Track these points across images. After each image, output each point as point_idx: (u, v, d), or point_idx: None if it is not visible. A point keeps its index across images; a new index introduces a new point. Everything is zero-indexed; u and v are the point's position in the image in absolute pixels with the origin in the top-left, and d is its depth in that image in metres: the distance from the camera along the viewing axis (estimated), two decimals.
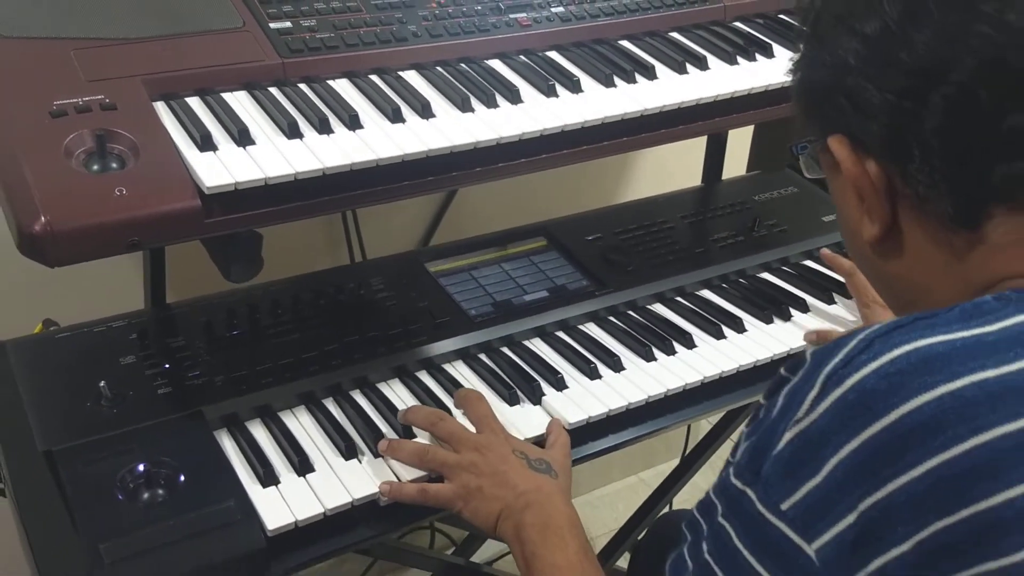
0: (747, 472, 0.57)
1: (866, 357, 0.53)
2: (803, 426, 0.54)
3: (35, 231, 0.76)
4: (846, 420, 0.52)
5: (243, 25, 1.00)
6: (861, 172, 0.63)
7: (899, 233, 0.65)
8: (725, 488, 0.59)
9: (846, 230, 0.71)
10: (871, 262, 0.69)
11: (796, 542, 0.53)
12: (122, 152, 0.84)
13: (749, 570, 0.55)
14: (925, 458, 0.50)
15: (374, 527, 0.91)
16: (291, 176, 0.86)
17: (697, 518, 0.62)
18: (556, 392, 1.06)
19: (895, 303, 0.72)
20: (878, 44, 0.60)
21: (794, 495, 0.53)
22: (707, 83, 1.12)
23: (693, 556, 0.61)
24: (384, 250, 1.49)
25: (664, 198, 1.46)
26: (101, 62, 0.91)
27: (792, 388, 0.56)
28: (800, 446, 0.54)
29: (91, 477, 0.88)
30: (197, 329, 1.08)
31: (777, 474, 0.55)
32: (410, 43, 1.06)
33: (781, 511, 0.54)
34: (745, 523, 0.56)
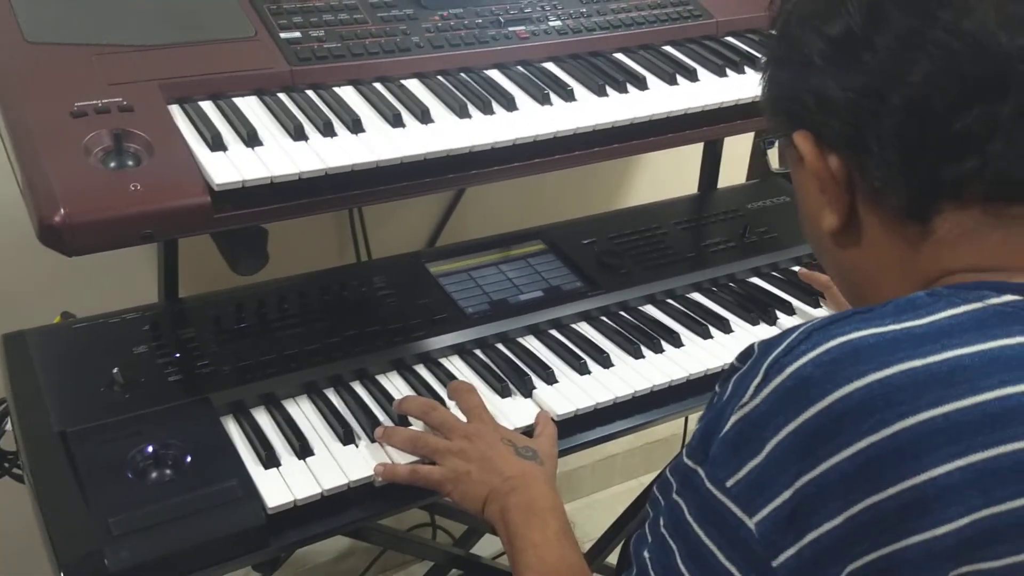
0: (698, 452, 0.61)
1: (804, 347, 0.58)
2: (747, 410, 0.59)
3: (55, 222, 0.82)
4: (785, 405, 0.57)
5: (255, 35, 1.06)
6: (823, 166, 0.67)
7: (857, 224, 0.69)
8: (679, 467, 0.63)
9: (806, 220, 0.74)
10: (829, 251, 0.73)
11: (739, 516, 0.57)
12: (138, 150, 0.90)
13: (697, 542, 0.60)
14: (856, 440, 0.54)
15: (369, 508, 0.96)
16: (295, 175, 0.92)
17: (657, 495, 0.67)
18: (546, 386, 1.11)
19: (849, 291, 0.76)
20: (841, 45, 0.64)
21: (738, 473, 0.58)
22: (696, 94, 1.17)
23: (652, 531, 0.65)
24: (390, 251, 1.55)
25: (659, 205, 1.51)
26: (120, 67, 0.97)
27: (739, 376, 0.61)
28: (743, 428, 0.58)
29: (103, 457, 0.94)
30: (207, 322, 1.13)
31: (723, 454, 0.59)
32: (413, 53, 1.12)
33: (726, 487, 0.58)
34: (695, 499, 0.61)
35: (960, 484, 0.53)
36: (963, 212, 0.64)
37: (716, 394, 0.64)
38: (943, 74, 0.61)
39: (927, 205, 0.65)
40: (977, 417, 0.54)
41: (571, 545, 0.87)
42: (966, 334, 0.57)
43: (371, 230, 1.57)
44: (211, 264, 1.24)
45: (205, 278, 1.28)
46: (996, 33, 0.60)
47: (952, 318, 0.58)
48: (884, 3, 0.63)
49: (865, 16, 0.64)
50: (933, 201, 0.64)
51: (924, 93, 0.61)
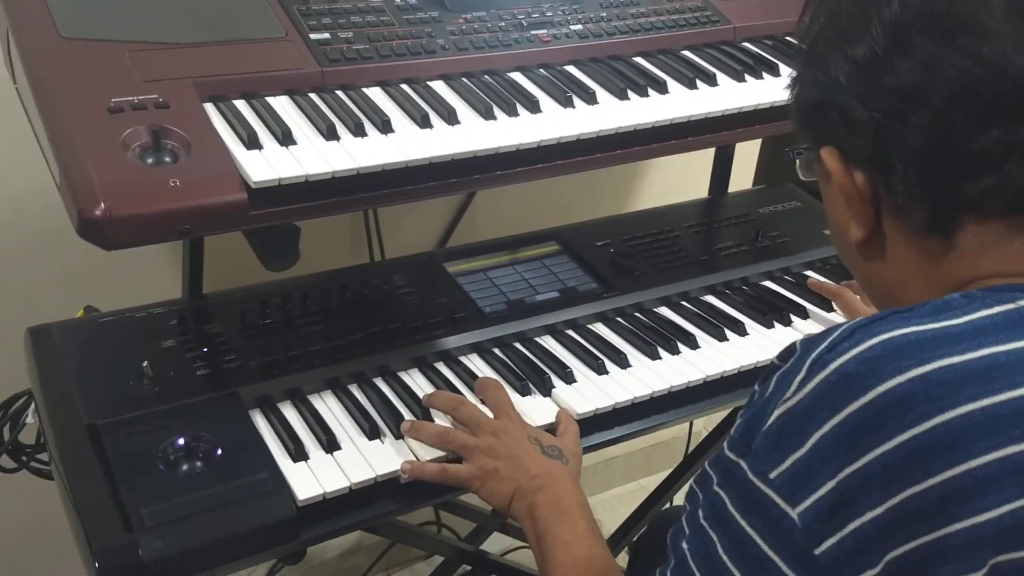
0: (740, 445, 0.63)
1: (848, 344, 0.60)
2: (790, 404, 0.61)
3: (95, 216, 0.83)
4: (829, 399, 0.59)
5: (286, 35, 1.08)
6: (849, 181, 0.70)
7: (882, 237, 0.71)
8: (720, 460, 0.65)
9: (835, 231, 0.77)
10: (856, 261, 0.76)
11: (781, 506, 0.59)
12: (174, 147, 0.92)
13: (739, 532, 0.61)
14: (898, 432, 0.56)
15: (395, 502, 0.98)
16: (329, 174, 0.93)
17: (695, 489, 0.69)
18: (565, 385, 1.12)
19: (875, 298, 0.79)
20: (866, 67, 0.67)
21: (781, 465, 0.60)
22: (716, 98, 1.19)
23: (691, 524, 0.67)
24: (403, 251, 1.56)
25: (671, 208, 1.53)
26: (155, 64, 0.98)
27: (782, 372, 0.63)
28: (787, 422, 0.60)
29: (134, 449, 0.95)
30: (232, 317, 1.15)
31: (767, 447, 0.61)
32: (438, 55, 1.13)
33: (769, 479, 0.60)
34: (737, 491, 0.63)
35: (998, 475, 0.56)
36: (984, 225, 0.67)
37: (757, 391, 0.66)
38: (963, 97, 0.64)
39: (949, 220, 0.67)
40: (1014, 411, 0.57)
41: (600, 542, 0.89)
42: (1001, 333, 0.60)
43: (384, 230, 1.59)
44: (233, 261, 1.26)
45: (227, 275, 1.30)
46: (1014, 58, 0.62)
47: (987, 318, 0.61)
48: (907, 29, 0.66)
49: (889, 40, 0.66)
50: (955, 216, 0.67)
51: (945, 115, 0.64)
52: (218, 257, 1.26)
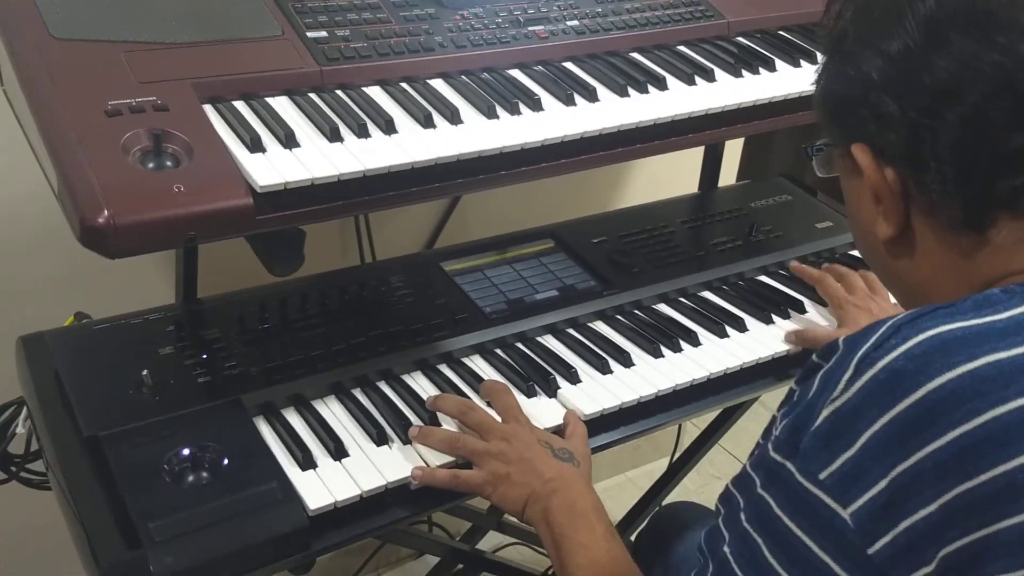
0: (786, 446, 0.63)
1: (895, 341, 0.60)
2: (839, 404, 0.60)
3: (98, 223, 0.81)
4: (878, 397, 0.59)
5: (282, 34, 1.05)
6: (881, 178, 0.69)
7: (911, 234, 0.71)
8: (764, 462, 0.65)
9: (859, 229, 0.77)
10: (882, 259, 0.75)
11: (832, 507, 0.59)
12: (176, 151, 0.89)
13: (788, 535, 0.61)
14: (949, 429, 0.56)
15: (405, 509, 0.97)
16: (335, 177, 0.91)
17: (732, 492, 0.68)
18: (570, 385, 1.12)
19: (902, 296, 0.79)
20: (900, 64, 0.67)
21: (831, 465, 0.60)
22: (715, 94, 1.18)
23: (730, 527, 0.67)
24: (393, 251, 1.54)
25: (664, 204, 1.53)
26: (151, 65, 0.96)
27: (827, 371, 0.62)
28: (836, 421, 0.60)
29: (138, 460, 0.93)
30: (230, 322, 1.12)
31: (815, 447, 0.61)
32: (437, 53, 1.12)
33: (819, 480, 0.60)
34: (785, 492, 0.62)
35: None
36: (1019, 221, 0.67)
37: (797, 390, 0.65)
38: (1000, 94, 0.64)
39: (983, 216, 0.67)
40: None
41: (619, 544, 0.88)
42: None
43: (374, 230, 1.56)
44: (225, 264, 1.23)
45: (218, 278, 1.27)
46: None
47: None
48: (943, 24, 0.65)
49: (924, 36, 0.66)
50: (988, 212, 0.67)
51: (981, 112, 0.64)
52: (210, 261, 1.23)
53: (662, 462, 2.11)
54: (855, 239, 0.80)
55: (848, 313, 1.24)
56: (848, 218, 0.80)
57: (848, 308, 1.25)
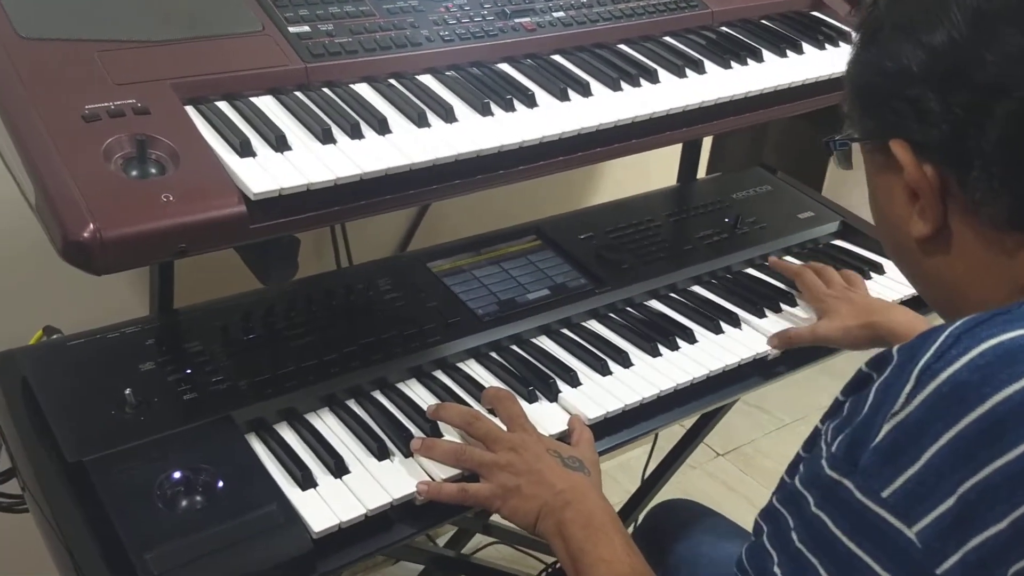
0: (844, 464, 0.60)
1: (956, 352, 0.57)
2: (900, 418, 0.58)
3: (83, 238, 0.76)
4: (942, 410, 0.56)
5: (262, 29, 1.00)
6: (921, 176, 0.67)
7: (948, 232, 0.68)
8: (817, 480, 0.62)
9: (889, 227, 0.74)
10: (913, 257, 0.73)
11: (896, 526, 0.57)
12: (160, 157, 0.84)
13: (848, 555, 0.58)
14: (1018, 442, 0.54)
15: (412, 525, 0.93)
16: (332, 181, 0.87)
17: (778, 509, 0.65)
18: (571, 388, 1.09)
19: (933, 295, 0.76)
20: (944, 57, 0.64)
21: (894, 483, 0.57)
22: (707, 87, 1.16)
23: (778, 546, 0.64)
24: (368, 252, 1.50)
25: (647, 197, 1.50)
26: (127, 65, 0.90)
27: (884, 383, 0.60)
28: (899, 437, 0.57)
29: (128, 487, 0.87)
30: (213, 334, 1.07)
31: (876, 464, 0.58)
32: (424, 47, 1.07)
33: (881, 498, 0.57)
34: (843, 511, 0.59)
35: None
36: None
37: (848, 402, 0.63)
38: None
39: None
40: None
41: (640, 557, 0.86)
42: None
43: (349, 231, 1.51)
44: (199, 272, 1.18)
45: (192, 286, 1.21)
46: None
47: None
48: (991, 17, 0.63)
49: (971, 28, 0.63)
50: None
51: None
52: (182, 267, 1.17)
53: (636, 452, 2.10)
54: (882, 235, 0.78)
55: (828, 305, 1.23)
56: (875, 213, 0.77)
57: (828, 300, 1.24)
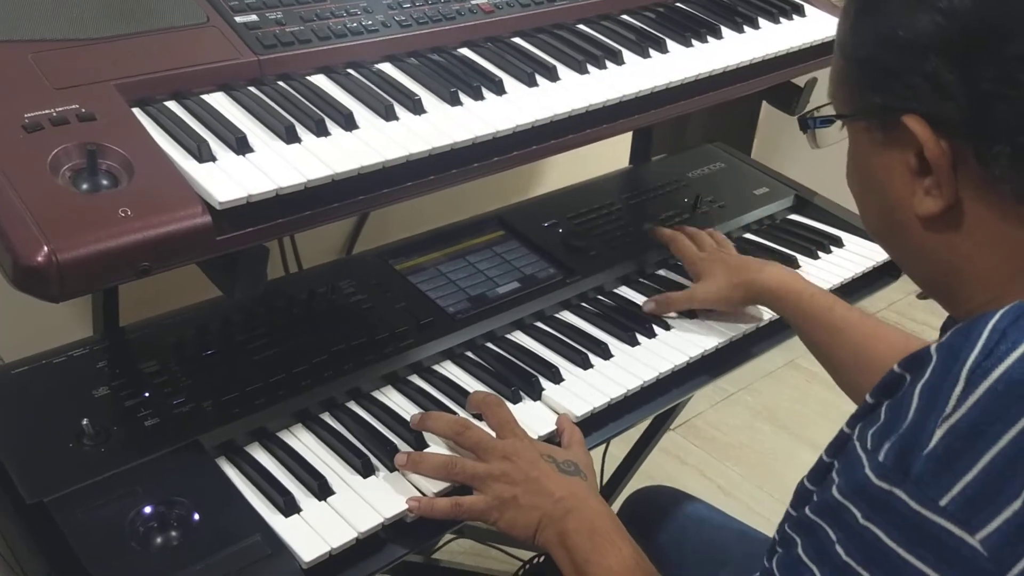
0: (894, 473, 0.57)
1: (1005, 348, 0.54)
2: (953, 421, 0.55)
3: (37, 263, 0.68)
4: (1000, 411, 0.53)
5: (207, 20, 0.92)
6: (941, 151, 0.63)
7: (958, 208, 0.65)
8: (863, 491, 0.58)
9: (883, 206, 0.70)
10: (910, 237, 0.69)
11: (958, 535, 0.54)
12: (112, 168, 0.76)
13: (903, 567, 0.56)
14: None
15: (404, 544, 0.88)
16: (302, 185, 0.80)
17: (815, 521, 0.61)
18: (554, 385, 1.05)
19: (925, 275, 0.72)
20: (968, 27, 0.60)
21: (952, 489, 0.54)
22: (672, 67, 1.12)
23: (819, 559, 0.60)
24: (315, 254, 1.43)
25: (605, 180, 1.47)
26: (65, 66, 0.82)
27: (928, 385, 0.57)
28: (954, 441, 0.55)
29: (97, 527, 0.80)
30: (167, 351, 0.99)
31: (931, 471, 0.55)
32: (381, 33, 1.01)
33: (939, 506, 0.54)
34: (896, 522, 0.56)
35: None
36: None
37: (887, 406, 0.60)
38: None
39: None
40: None
41: (648, 564, 0.82)
42: None
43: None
44: (139, 285, 1.09)
45: (131, 301, 1.12)
46: None
47: None
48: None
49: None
50: None
51: None
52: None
53: None
54: (871, 214, 0.73)
55: (702, 267, 1.21)
56: (863, 192, 0.73)
57: (701, 263, 1.22)
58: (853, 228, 1.44)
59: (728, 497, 2.18)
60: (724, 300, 1.18)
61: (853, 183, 0.74)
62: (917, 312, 2.92)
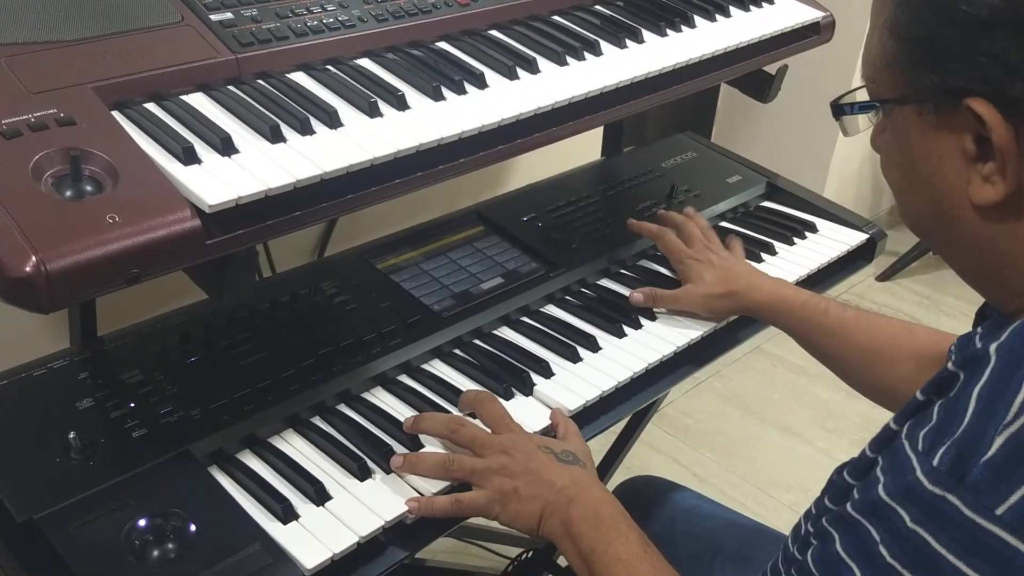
0: (948, 478, 0.56)
1: None
2: (1015, 429, 0.54)
3: (26, 273, 0.66)
4: None
5: (182, 20, 0.90)
6: (1010, 136, 0.60)
7: (1019, 196, 0.62)
8: (914, 495, 0.57)
9: (932, 194, 0.66)
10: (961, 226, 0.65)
11: (1013, 544, 0.53)
12: (95, 173, 0.74)
13: (955, 573, 0.55)
14: None
15: (405, 545, 0.87)
16: (291, 185, 0.79)
17: (856, 519, 0.61)
18: (545, 380, 1.04)
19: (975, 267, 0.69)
20: None
21: (1010, 498, 0.53)
22: (649, 57, 1.12)
23: (860, 558, 0.60)
24: (289, 256, 1.40)
25: (581, 172, 1.47)
26: (41, 70, 0.79)
27: (989, 389, 0.56)
28: (1015, 449, 0.54)
29: (90, 542, 0.78)
30: (150, 360, 0.97)
31: (988, 479, 0.54)
32: (358, 29, 0.99)
33: (995, 515, 0.54)
34: (949, 528, 0.55)
35: None
36: None
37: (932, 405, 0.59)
38: None
39: None
40: None
41: (655, 551, 0.82)
42: None
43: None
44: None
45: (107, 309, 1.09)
46: None
47: None
48: None
49: None
50: None
51: None
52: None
53: None
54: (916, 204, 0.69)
55: (689, 268, 1.19)
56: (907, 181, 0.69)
57: (688, 263, 1.20)
58: (825, 212, 1.45)
59: (703, 484, 2.20)
60: (709, 309, 1.16)
61: (893, 172, 0.71)
62: (876, 294, 2.97)
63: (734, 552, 1.11)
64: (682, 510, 1.21)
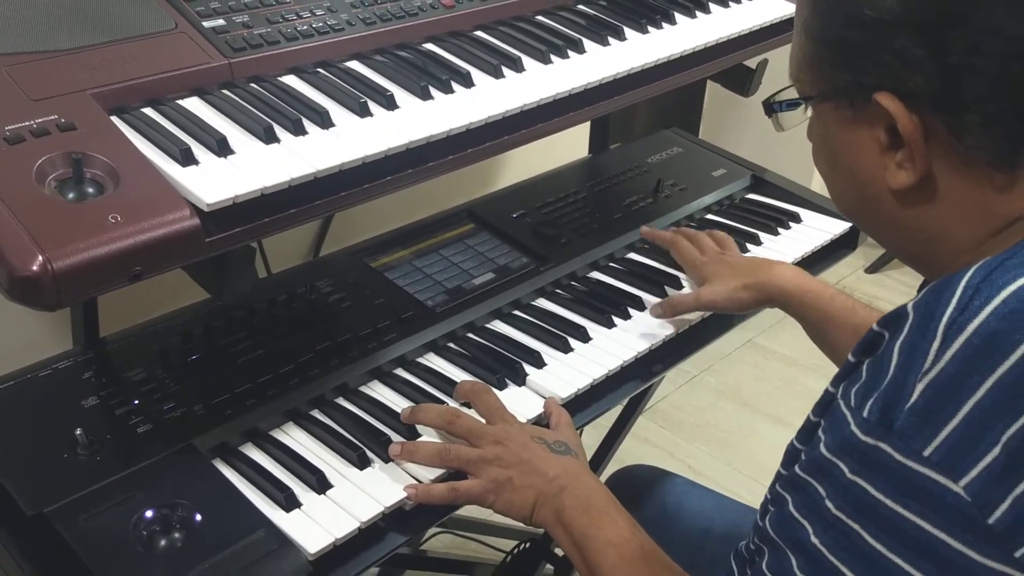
0: (878, 427, 0.59)
1: (979, 302, 0.57)
2: (933, 375, 0.57)
3: (32, 272, 0.68)
4: (976, 363, 0.56)
5: (175, 27, 0.93)
6: (914, 125, 0.65)
7: (931, 179, 0.67)
8: (849, 446, 0.61)
9: (854, 183, 0.72)
10: (884, 210, 0.71)
11: (942, 483, 0.56)
12: (96, 175, 0.77)
13: (896, 517, 0.58)
14: None
15: (403, 531, 0.89)
16: (286, 183, 0.82)
17: (804, 478, 0.64)
18: (537, 370, 1.07)
19: (904, 246, 0.74)
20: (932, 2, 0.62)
21: (934, 440, 0.57)
22: (631, 53, 1.15)
23: (811, 515, 0.63)
24: (283, 257, 1.43)
25: (568, 170, 1.50)
26: (41, 78, 0.82)
27: (907, 342, 0.59)
28: (934, 395, 0.57)
29: (100, 533, 0.80)
30: (152, 359, 1.00)
31: (914, 424, 0.57)
32: (347, 32, 1.02)
33: (923, 457, 0.57)
34: (884, 475, 0.59)
35: None
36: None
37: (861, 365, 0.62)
38: None
39: (1017, 154, 0.64)
40: None
41: (644, 535, 0.85)
42: None
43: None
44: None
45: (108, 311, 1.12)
46: None
47: None
48: None
49: None
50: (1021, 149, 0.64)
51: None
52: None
53: None
54: (841, 191, 0.75)
55: (706, 270, 1.21)
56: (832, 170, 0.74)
57: (704, 266, 1.21)
58: (809, 203, 1.48)
59: (699, 476, 2.22)
60: (734, 301, 1.16)
61: (821, 163, 0.75)
62: (866, 286, 3.01)
63: (724, 533, 1.14)
64: (674, 495, 1.24)
